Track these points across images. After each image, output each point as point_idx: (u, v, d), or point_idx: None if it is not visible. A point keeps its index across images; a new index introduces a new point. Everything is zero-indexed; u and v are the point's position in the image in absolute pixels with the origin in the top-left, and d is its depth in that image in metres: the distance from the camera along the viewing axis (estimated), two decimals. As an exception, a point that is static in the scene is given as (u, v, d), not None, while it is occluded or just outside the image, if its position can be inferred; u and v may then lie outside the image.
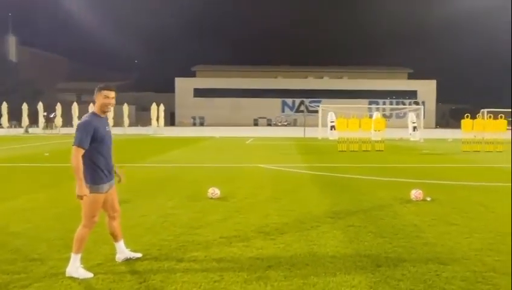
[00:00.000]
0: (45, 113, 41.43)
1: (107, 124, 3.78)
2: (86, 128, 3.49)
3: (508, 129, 19.52)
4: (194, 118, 79.59)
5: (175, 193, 7.46)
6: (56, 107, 37.37)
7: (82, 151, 3.48)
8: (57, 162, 13.06)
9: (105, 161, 3.67)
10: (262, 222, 5.43)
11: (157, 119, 39.02)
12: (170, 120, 74.92)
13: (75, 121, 37.13)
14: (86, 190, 3.49)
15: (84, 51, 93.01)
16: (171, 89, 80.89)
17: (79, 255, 3.65)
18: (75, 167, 3.46)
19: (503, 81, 77.94)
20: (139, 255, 4.09)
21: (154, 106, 38.15)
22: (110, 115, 35.76)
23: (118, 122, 37.91)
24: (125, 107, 37.31)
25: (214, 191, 6.93)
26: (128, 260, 3.99)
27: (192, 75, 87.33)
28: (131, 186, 8.15)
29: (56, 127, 36.93)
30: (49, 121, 45.04)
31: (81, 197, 3.50)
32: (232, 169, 11.45)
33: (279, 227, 5.17)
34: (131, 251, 4.10)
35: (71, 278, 3.54)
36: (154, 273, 3.67)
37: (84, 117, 3.62)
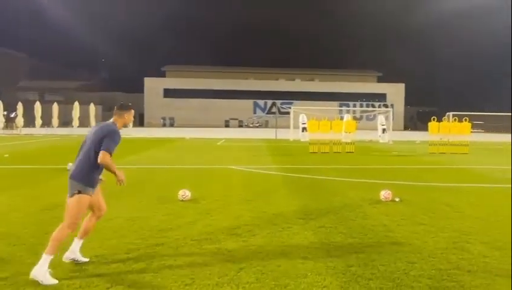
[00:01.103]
0: (5, 113, 39.57)
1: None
2: (118, 140, 3.84)
3: (471, 132, 20.34)
4: (163, 119, 78.33)
5: (144, 195, 7.29)
6: (17, 107, 35.80)
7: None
8: (17, 164, 12.48)
9: (102, 168, 3.84)
10: (234, 223, 5.38)
11: (126, 120, 38.15)
12: (139, 121, 73.42)
13: (38, 121, 35.72)
14: (122, 174, 3.83)
15: (47, 48, 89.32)
16: (139, 89, 79.27)
17: (51, 257, 3.52)
18: (110, 164, 3.71)
19: (470, 84, 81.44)
20: (87, 259, 3.96)
21: (122, 106, 37.27)
22: (76, 114, 34.79)
23: (84, 123, 36.78)
24: (92, 107, 36.18)
25: (185, 193, 6.81)
26: (80, 263, 3.87)
27: (162, 75, 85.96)
28: (98, 189, 7.91)
29: (17, 127, 35.34)
30: (9, 121, 43.03)
31: (123, 180, 3.83)
32: (203, 171, 11.33)
33: (251, 229, 5.14)
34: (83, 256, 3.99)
35: (34, 282, 3.36)
36: (122, 277, 3.55)
37: (114, 127, 3.91)
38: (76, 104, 34.68)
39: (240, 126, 78.10)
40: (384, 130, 28.33)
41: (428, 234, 5.00)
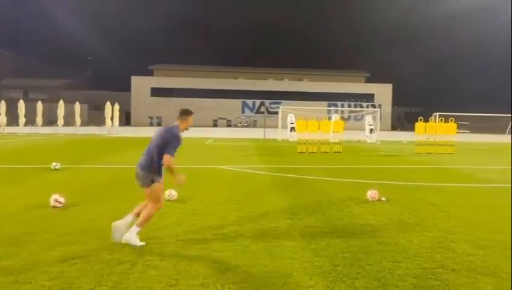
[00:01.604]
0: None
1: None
2: (180, 143, 4.60)
3: (457, 132, 20.65)
4: (151, 118, 77.68)
5: (129, 195, 7.16)
6: (0, 105, 35.07)
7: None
8: None
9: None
10: (220, 223, 5.34)
11: (112, 119, 37.56)
12: (126, 120, 72.65)
13: (22, 120, 35.02)
14: (182, 176, 4.62)
15: (32, 45, 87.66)
16: (126, 87, 78.43)
17: (139, 229, 4.50)
18: (172, 167, 4.49)
19: (457, 85, 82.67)
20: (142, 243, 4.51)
21: (108, 105, 36.60)
22: (61, 113, 34.23)
23: (69, 122, 36.20)
24: (77, 106, 35.56)
25: (171, 193, 6.74)
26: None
27: (150, 74, 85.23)
28: (82, 189, 7.79)
29: (0, 126, 34.62)
30: (-9, 120, 42.13)
31: (181, 181, 4.60)
32: (191, 170, 11.21)
33: (237, 229, 5.11)
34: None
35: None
36: (105, 278, 3.49)
37: (177, 131, 4.65)
38: (61, 102, 34.07)
39: (228, 126, 77.97)
40: (371, 130, 28.59)
41: (413, 233, 5.03)
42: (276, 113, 34.76)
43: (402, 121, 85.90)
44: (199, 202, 6.73)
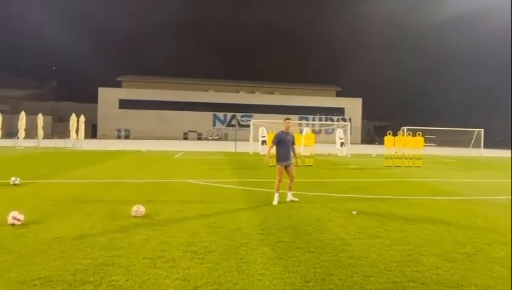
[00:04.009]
0: None
1: (288, 134, 8.31)
2: (276, 137, 8.27)
3: (426, 146, 21.34)
4: (118, 131, 76.03)
5: (94, 212, 6.89)
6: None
7: (273, 146, 8.32)
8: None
9: (282, 152, 8.19)
10: (190, 240, 5.19)
11: (77, 131, 36.34)
12: (92, 132, 70.71)
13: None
14: (268, 160, 9.13)
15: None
16: (93, 99, 76.53)
17: (277, 194, 8.08)
18: (267, 151, 8.82)
19: (424, 100, 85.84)
20: (296, 199, 8.36)
21: (73, 117, 35.41)
22: (22, 125, 32.81)
23: (31, 134, 34.70)
24: (40, 118, 34.13)
25: (138, 209, 6.51)
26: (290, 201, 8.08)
27: (118, 85, 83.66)
28: (44, 205, 7.41)
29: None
30: None
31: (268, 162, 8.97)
32: (159, 185, 10.97)
33: (207, 245, 4.97)
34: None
35: None
36: (64, 303, 3.26)
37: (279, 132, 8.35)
38: (22, 114, 32.67)
39: (199, 139, 77.44)
40: (342, 144, 29.11)
41: (384, 247, 5.06)
42: (248, 126, 34.83)
43: (372, 135, 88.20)
44: (168, 217, 6.53)
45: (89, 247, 4.81)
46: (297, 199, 8.29)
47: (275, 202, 7.99)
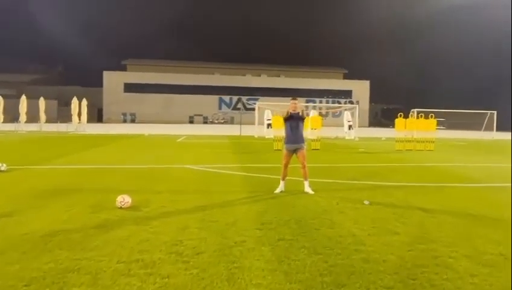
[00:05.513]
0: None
1: (296, 115, 7.53)
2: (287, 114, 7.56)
3: (437, 129, 20.41)
4: (124, 115, 75.34)
5: (76, 202, 6.19)
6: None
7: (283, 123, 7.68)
8: None
9: (290, 132, 7.53)
10: (177, 238, 4.46)
11: (79, 115, 35.66)
12: (98, 116, 70.20)
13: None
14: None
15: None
16: (98, 83, 75.70)
17: (282, 181, 7.40)
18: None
19: (433, 83, 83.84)
20: (312, 192, 7.13)
21: (75, 100, 34.65)
22: (23, 109, 32.26)
23: (35, 119, 34.18)
24: (41, 102, 33.43)
25: (124, 200, 5.80)
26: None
27: (123, 68, 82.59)
28: (24, 195, 6.73)
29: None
30: None
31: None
32: (155, 171, 10.25)
33: (196, 244, 4.24)
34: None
35: None
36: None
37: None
38: (23, 97, 32.04)
39: (205, 122, 76.69)
40: (350, 127, 28.20)
41: (404, 246, 4.29)
42: (254, 109, 33.92)
43: (379, 118, 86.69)
44: (156, 209, 5.81)
45: (58, 247, 4.11)
46: (312, 192, 7.13)
47: (277, 191, 7.21)
